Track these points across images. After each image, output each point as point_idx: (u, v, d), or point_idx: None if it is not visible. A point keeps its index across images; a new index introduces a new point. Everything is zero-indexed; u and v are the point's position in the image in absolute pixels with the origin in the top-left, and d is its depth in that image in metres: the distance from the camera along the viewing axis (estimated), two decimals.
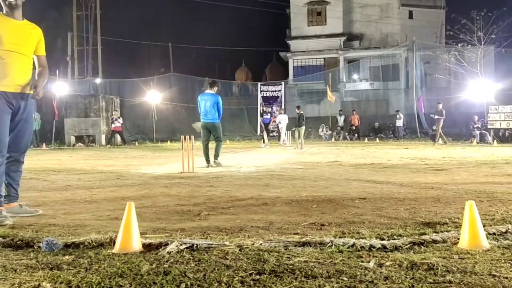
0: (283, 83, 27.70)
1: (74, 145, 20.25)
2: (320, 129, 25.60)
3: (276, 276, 1.93)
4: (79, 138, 21.05)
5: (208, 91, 8.80)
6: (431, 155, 11.29)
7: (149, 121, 24.50)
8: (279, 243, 2.47)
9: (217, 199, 4.38)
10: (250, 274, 1.95)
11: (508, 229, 2.73)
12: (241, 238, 2.65)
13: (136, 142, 21.61)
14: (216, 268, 2.04)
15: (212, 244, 2.45)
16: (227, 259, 2.19)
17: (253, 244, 2.46)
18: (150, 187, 5.46)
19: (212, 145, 8.78)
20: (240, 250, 2.35)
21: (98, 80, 26.83)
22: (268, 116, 19.04)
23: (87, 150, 17.07)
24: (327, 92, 24.97)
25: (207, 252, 2.31)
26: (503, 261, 2.09)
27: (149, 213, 3.71)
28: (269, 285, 1.82)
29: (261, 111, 21.11)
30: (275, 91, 27.10)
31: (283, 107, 22.29)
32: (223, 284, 1.83)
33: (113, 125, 20.40)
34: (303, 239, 2.52)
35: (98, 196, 4.78)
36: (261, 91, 27.11)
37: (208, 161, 8.54)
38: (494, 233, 2.65)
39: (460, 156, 10.89)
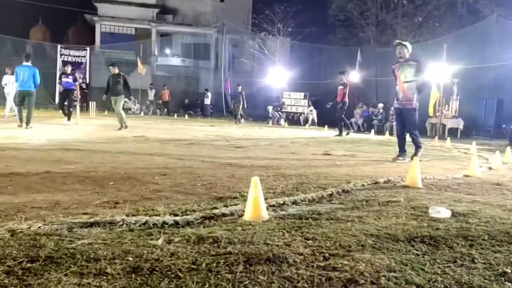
0: (88, 48, 25.49)
1: None
2: (126, 101, 24.63)
3: (52, 262, 1.73)
4: None
5: (25, 63, 10.40)
6: (233, 133, 12.17)
7: None
8: (62, 225, 2.25)
9: None
10: (20, 263, 1.71)
11: (285, 200, 3.13)
12: (16, 222, 2.31)
13: None
14: None
15: None
16: None
17: (30, 228, 2.17)
18: None
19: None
20: (12, 235, 2.04)
21: None
22: (70, 79, 12.85)
23: None
24: (137, 64, 24.13)
25: None
26: (277, 230, 2.38)
27: None
28: (42, 273, 1.62)
29: (60, 73, 14.78)
30: (79, 56, 24.76)
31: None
32: None
33: None
34: (92, 219, 2.36)
35: None
36: (61, 55, 24.38)
37: (21, 120, 10.19)
38: (274, 205, 3.00)
39: (257, 135, 12.06)
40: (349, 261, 1.88)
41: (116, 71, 11.52)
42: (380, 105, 18.24)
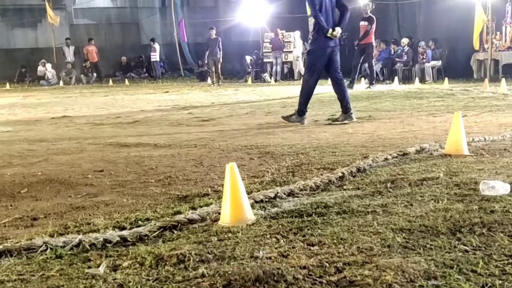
0: None
1: None
2: (39, 67, 24.24)
3: None
4: None
5: None
6: (197, 101, 12.13)
7: None
8: None
9: None
10: None
11: (277, 192, 3.16)
12: None
13: None
14: None
15: None
16: None
17: None
18: None
19: None
20: None
21: None
22: None
23: None
24: (46, 12, 23.60)
25: None
26: (268, 236, 2.41)
27: None
28: None
29: None
30: None
31: None
32: None
33: None
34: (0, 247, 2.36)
35: None
36: None
37: None
38: (261, 200, 3.04)
39: (232, 100, 12.03)
40: (372, 271, 1.92)
41: None
42: (404, 40, 18.24)
